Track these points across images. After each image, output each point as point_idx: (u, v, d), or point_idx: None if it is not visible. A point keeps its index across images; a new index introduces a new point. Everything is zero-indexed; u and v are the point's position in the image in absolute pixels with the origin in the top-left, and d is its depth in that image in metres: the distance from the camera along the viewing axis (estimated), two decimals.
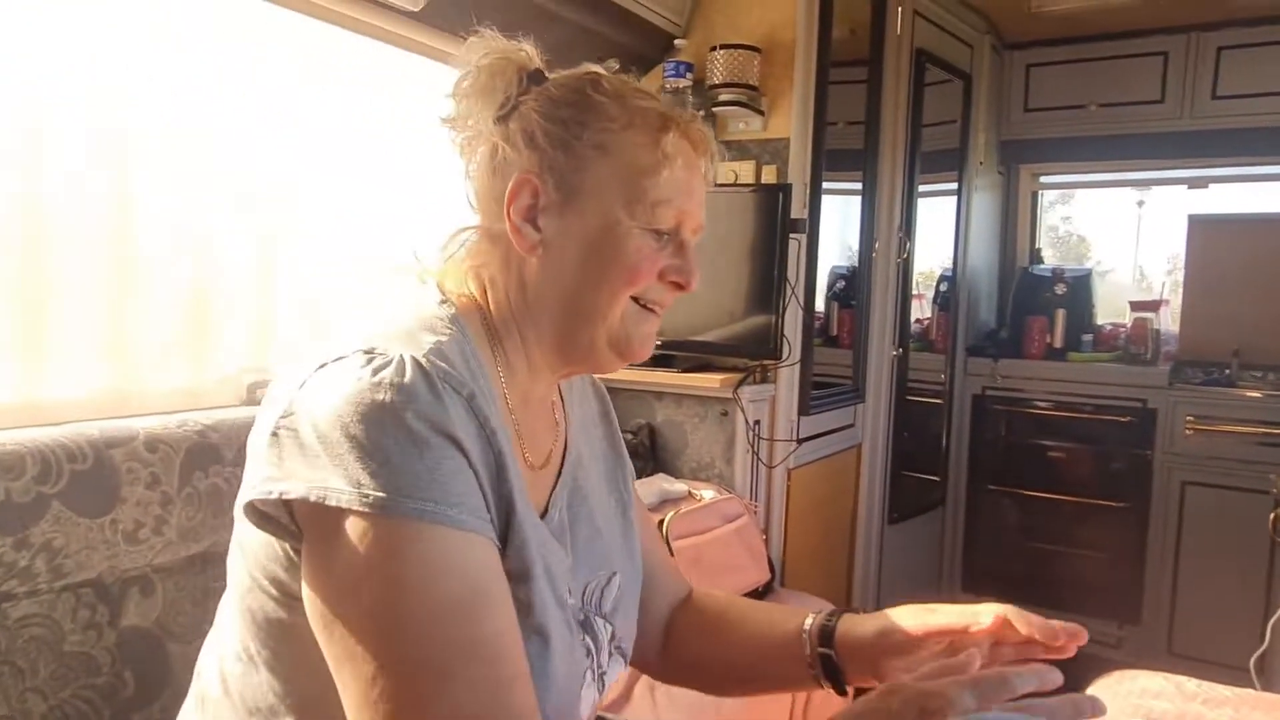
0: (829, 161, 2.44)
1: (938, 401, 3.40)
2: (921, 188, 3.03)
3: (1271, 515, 2.23)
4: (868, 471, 2.88)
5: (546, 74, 0.85)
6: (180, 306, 1.55)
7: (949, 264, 3.44)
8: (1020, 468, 3.47)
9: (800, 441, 2.40)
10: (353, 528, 0.65)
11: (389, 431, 0.66)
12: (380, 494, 0.65)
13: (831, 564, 2.80)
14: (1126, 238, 4.51)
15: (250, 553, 0.75)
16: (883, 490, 2.96)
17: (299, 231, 1.75)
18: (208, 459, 1.24)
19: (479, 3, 1.87)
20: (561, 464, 0.91)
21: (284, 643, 0.75)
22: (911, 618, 0.89)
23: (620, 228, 0.80)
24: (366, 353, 0.70)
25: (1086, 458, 3.37)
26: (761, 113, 2.29)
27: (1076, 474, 3.38)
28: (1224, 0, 2.97)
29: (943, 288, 3.50)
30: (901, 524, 3.08)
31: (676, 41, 2.33)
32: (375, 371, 0.68)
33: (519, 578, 0.75)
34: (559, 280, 0.82)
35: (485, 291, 0.85)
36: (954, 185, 3.35)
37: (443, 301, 0.82)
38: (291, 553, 0.71)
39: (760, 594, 2.15)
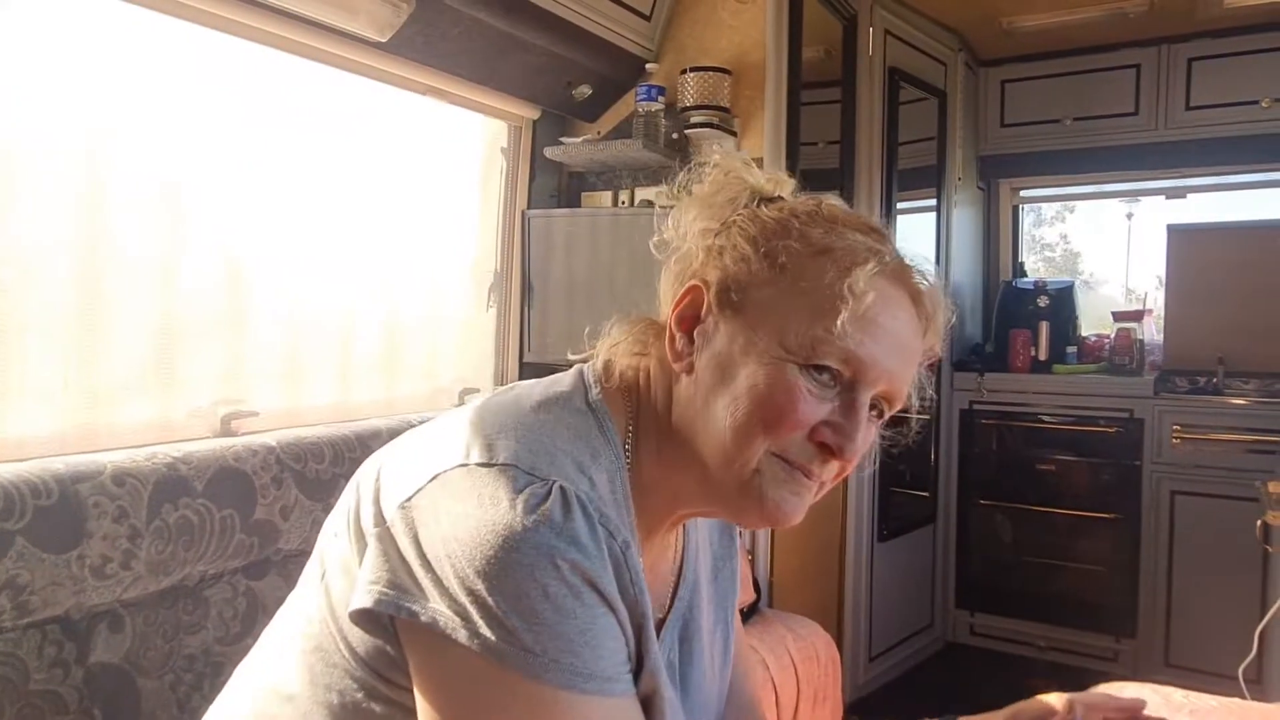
0: (806, 181, 2.41)
1: (925, 417, 3.40)
2: (901, 204, 3.05)
3: (1260, 523, 2.22)
4: (855, 489, 2.87)
5: (784, 199, 0.78)
6: (150, 339, 1.55)
7: None
8: (1010, 481, 3.45)
9: None
10: (488, 676, 0.59)
11: (540, 582, 0.59)
12: (528, 653, 0.59)
13: (822, 583, 2.78)
14: (1118, 251, 4.54)
15: (337, 631, 0.68)
16: (871, 507, 2.95)
17: (272, 261, 1.76)
18: (178, 491, 1.23)
19: (448, 34, 1.90)
20: (674, 595, 0.82)
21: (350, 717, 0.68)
22: (1037, 703, 0.81)
23: (768, 356, 0.69)
24: (517, 470, 0.62)
25: (1076, 470, 3.36)
26: (734, 134, 2.31)
27: (1066, 486, 3.37)
28: (1191, 13, 3.01)
29: None
30: (892, 541, 3.06)
31: (648, 65, 2.36)
32: (530, 507, 0.60)
33: None
34: (696, 405, 0.72)
35: (638, 388, 0.77)
36: (933, 201, 3.37)
37: (597, 405, 0.74)
38: (391, 650, 0.64)
39: (746, 615, 2.14)
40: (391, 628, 0.63)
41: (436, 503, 0.62)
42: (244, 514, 1.31)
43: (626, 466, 0.72)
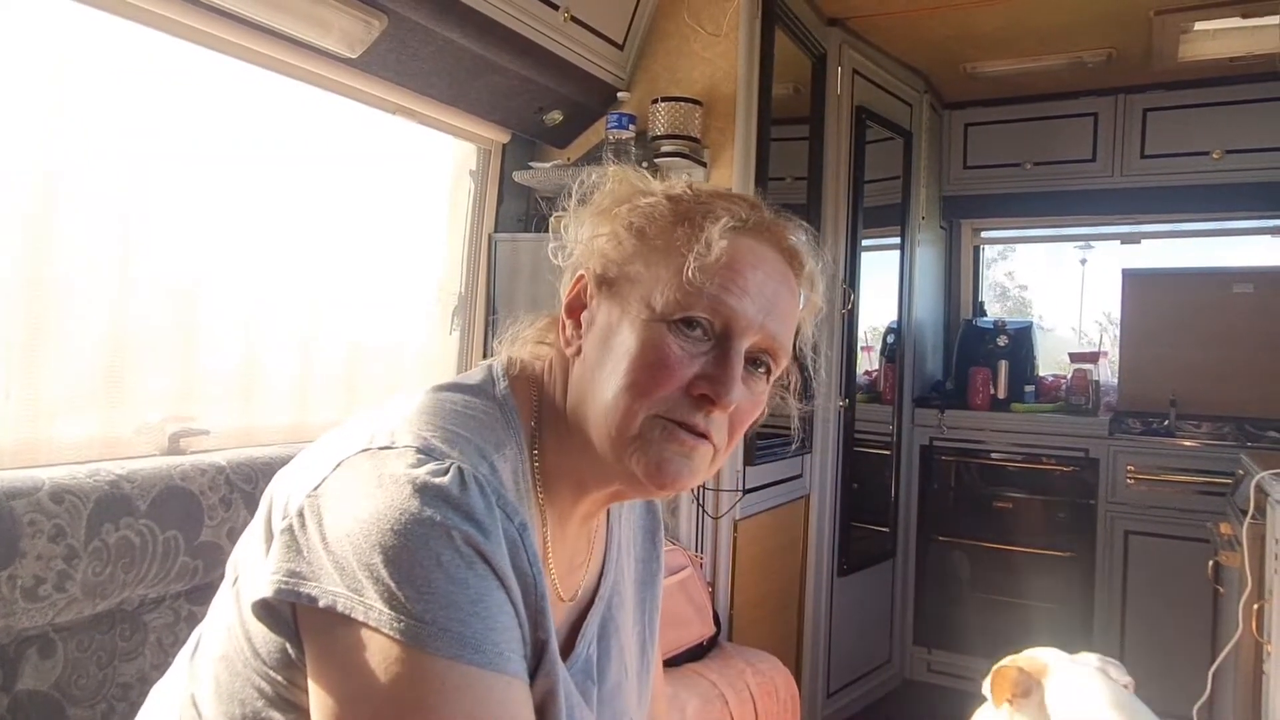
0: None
1: (886, 452, 3.42)
2: (866, 241, 3.08)
3: (1211, 563, 2.25)
4: (816, 522, 2.86)
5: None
6: (98, 352, 1.49)
7: (895, 316, 3.49)
8: (968, 518, 3.48)
9: (746, 492, 2.39)
10: (379, 649, 0.59)
11: (433, 551, 0.59)
12: (418, 623, 0.58)
13: (781, 617, 2.76)
14: (1071, 295, 4.64)
15: (243, 634, 0.67)
16: (832, 541, 2.94)
17: (230, 277, 1.71)
18: (119, 510, 1.19)
19: (420, 53, 1.89)
20: (595, 593, 0.83)
21: None
22: None
23: (639, 321, 0.71)
24: (416, 451, 0.64)
25: (1032, 508, 3.40)
26: (704, 164, 2.31)
27: (1023, 524, 3.40)
28: (1147, 65, 3.10)
29: (890, 339, 3.54)
30: (852, 575, 3.05)
31: (620, 94, 2.37)
32: (426, 483, 0.61)
33: None
34: (583, 384, 0.74)
35: (541, 381, 0.79)
36: (897, 239, 3.41)
37: (503, 398, 0.76)
38: (290, 650, 0.64)
39: (705, 648, 2.10)
40: (292, 623, 0.63)
41: (341, 487, 0.63)
42: (189, 536, 1.27)
43: (533, 458, 0.75)
